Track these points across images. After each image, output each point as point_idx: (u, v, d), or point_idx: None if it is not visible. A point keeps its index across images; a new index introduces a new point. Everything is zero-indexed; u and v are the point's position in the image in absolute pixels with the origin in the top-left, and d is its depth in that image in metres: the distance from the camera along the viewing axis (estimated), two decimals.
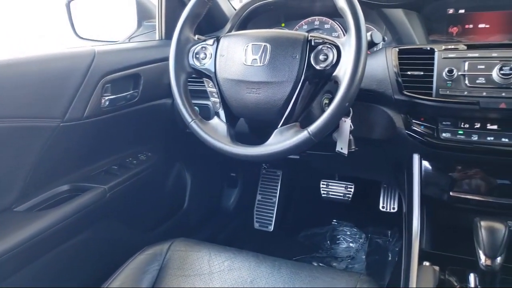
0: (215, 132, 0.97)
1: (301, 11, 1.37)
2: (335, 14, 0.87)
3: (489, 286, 0.84)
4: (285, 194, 2.01)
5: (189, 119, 0.98)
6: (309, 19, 1.36)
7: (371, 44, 0.91)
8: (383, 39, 1.22)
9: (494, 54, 0.90)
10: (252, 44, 0.93)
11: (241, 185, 1.98)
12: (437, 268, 0.95)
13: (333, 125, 0.85)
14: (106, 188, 1.17)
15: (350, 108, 0.98)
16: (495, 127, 0.92)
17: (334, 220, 1.93)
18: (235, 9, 1.43)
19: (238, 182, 1.98)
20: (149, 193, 1.45)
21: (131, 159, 1.34)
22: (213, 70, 0.97)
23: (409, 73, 0.97)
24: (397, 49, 1.01)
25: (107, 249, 1.26)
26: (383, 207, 1.72)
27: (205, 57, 0.99)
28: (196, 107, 1.20)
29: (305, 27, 1.37)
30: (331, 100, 0.83)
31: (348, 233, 1.85)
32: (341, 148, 1.00)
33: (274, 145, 0.89)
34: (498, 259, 0.78)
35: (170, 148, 1.52)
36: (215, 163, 1.80)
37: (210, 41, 0.99)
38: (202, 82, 1.04)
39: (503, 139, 0.91)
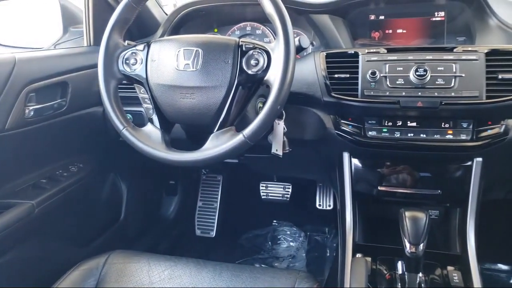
0: (149, 139, 0.95)
1: (233, 17, 1.39)
2: (266, 20, 0.89)
3: (414, 271, 0.91)
4: (226, 199, 2.02)
5: (120, 127, 0.95)
6: (241, 24, 1.38)
7: (300, 49, 0.94)
8: (312, 44, 1.28)
9: (410, 57, 0.98)
10: (184, 49, 0.92)
11: (181, 192, 1.95)
12: (369, 259, 1.01)
13: (267, 127, 0.87)
14: (34, 204, 1.10)
15: (283, 111, 1.01)
16: (414, 124, 1.00)
17: (275, 221, 1.96)
18: (166, 14, 1.41)
19: (177, 190, 1.95)
20: (82, 206, 1.38)
21: (61, 172, 1.27)
22: (144, 76, 0.95)
23: (336, 76, 1.02)
24: (324, 53, 1.05)
25: (37, 269, 1.17)
26: (319, 205, 1.79)
27: (136, 63, 0.97)
28: (128, 115, 1.18)
29: (237, 32, 1.39)
30: (265, 104, 0.85)
31: (288, 232, 1.89)
32: (276, 150, 1.03)
33: (210, 150, 0.89)
34: (421, 246, 0.85)
35: (103, 158, 1.46)
36: (152, 171, 1.75)
37: (141, 47, 0.98)
38: (134, 88, 1.01)
39: (421, 135, 0.99)
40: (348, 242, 1.06)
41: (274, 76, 0.85)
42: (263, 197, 1.84)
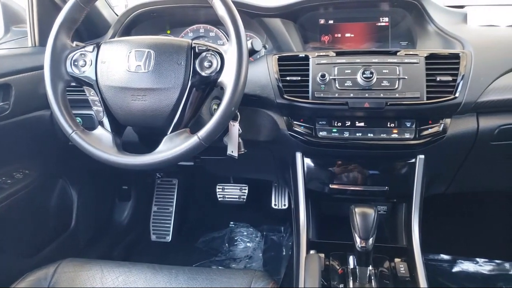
0: (100, 142, 0.92)
1: (186, 19, 1.38)
2: (219, 22, 0.90)
3: (364, 265, 0.95)
4: (182, 202, 2.00)
5: (69, 131, 0.92)
6: (194, 26, 1.38)
7: (252, 52, 0.96)
8: (264, 47, 1.30)
9: (358, 60, 1.02)
10: (135, 51, 0.91)
11: (135, 197, 1.91)
12: (322, 255, 1.04)
13: (221, 129, 0.88)
14: None
15: (238, 113, 1.03)
16: (362, 124, 1.05)
17: (231, 223, 1.97)
18: (117, 15, 1.38)
19: (131, 195, 1.90)
20: (28, 215, 1.32)
21: (4, 179, 1.20)
22: (94, 78, 0.93)
23: (288, 78, 1.05)
24: (276, 56, 1.08)
25: None
26: (275, 204, 1.82)
27: (85, 65, 0.94)
28: (78, 118, 1.14)
29: (190, 34, 1.38)
30: (219, 106, 0.86)
31: (245, 233, 1.91)
32: (232, 151, 1.04)
33: (164, 152, 0.88)
34: (371, 240, 0.89)
35: (51, 163, 1.40)
36: (104, 176, 1.70)
37: (90, 48, 0.95)
38: (83, 90, 0.98)
39: (369, 134, 1.04)
40: (302, 239, 1.09)
41: (227, 78, 0.86)
42: (219, 199, 1.84)
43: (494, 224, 1.72)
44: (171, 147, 0.88)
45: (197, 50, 0.90)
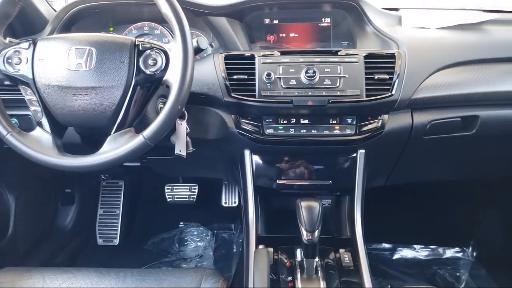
0: (39, 144, 0.88)
1: (130, 16, 1.35)
2: (164, 20, 0.89)
3: (311, 257, 0.98)
4: (129, 205, 1.95)
5: (4, 132, 0.87)
6: (139, 24, 1.35)
7: (198, 50, 0.96)
8: (211, 45, 1.30)
9: (301, 59, 1.05)
10: (76, 48, 0.88)
11: (79, 201, 1.83)
12: (271, 249, 1.06)
13: (167, 128, 0.87)
14: None
15: (185, 111, 1.02)
16: (306, 121, 1.08)
17: (181, 223, 1.96)
18: (55, 11, 1.31)
19: (75, 198, 1.82)
20: None
21: None
22: (30, 76, 0.89)
23: (235, 77, 1.06)
24: (223, 55, 1.08)
25: None
26: (225, 202, 1.82)
27: (20, 62, 0.89)
28: (13, 119, 1.08)
29: (134, 32, 1.35)
30: (165, 104, 0.85)
31: (196, 232, 1.90)
32: (180, 150, 1.03)
33: (108, 153, 0.86)
34: (316, 233, 0.93)
35: None
36: (45, 179, 1.62)
37: (25, 45, 0.90)
38: (18, 90, 0.93)
39: (313, 131, 1.08)
40: (251, 235, 1.11)
41: (173, 76, 0.86)
42: (168, 199, 1.82)
43: (429, 212, 1.85)
44: (115, 147, 0.86)
45: (141, 48, 0.89)
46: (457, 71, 1.10)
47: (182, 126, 1.03)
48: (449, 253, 1.81)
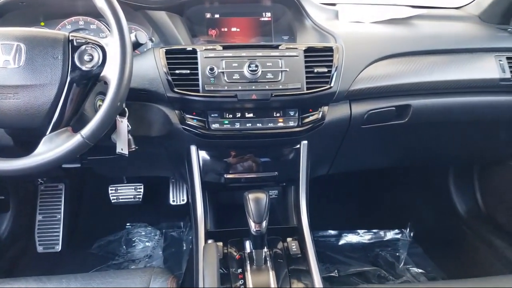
0: None
1: (63, 10, 1.28)
2: (100, 14, 0.86)
3: (260, 247, 1.00)
4: (71, 208, 1.86)
5: None
6: (73, 18, 1.29)
7: (137, 44, 0.94)
8: (151, 40, 1.27)
9: (243, 54, 1.06)
10: (2, 44, 0.82)
11: (15, 207, 1.72)
12: (220, 244, 1.07)
13: (107, 126, 0.85)
14: None
15: (126, 108, 0.99)
16: (251, 115, 1.09)
17: (128, 224, 1.90)
18: None
19: (9, 205, 1.71)
20: None
21: None
22: None
23: (177, 71, 1.04)
24: (164, 50, 1.06)
25: None
26: (173, 200, 1.80)
27: None
28: None
29: (68, 26, 1.28)
30: (104, 102, 0.82)
31: (143, 233, 1.86)
32: (122, 149, 1.00)
33: (43, 154, 0.82)
34: (264, 223, 0.94)
35: None
36: None
37: None
38: None
39: (258, 124, 1.09)
40: (200, 231, 1.10)
41: (111, 72, 0.83)
42: (113, 201, 1.76)
43: (371, 198, 1.96)
44: (51, 148, 0.82)
45: (75, 43, 0.85)
46: (390, 63, 1.17)
47: (123, 124, 0.99)
48: (389, 235, 1.93)
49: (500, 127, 1.37)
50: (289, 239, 1.11)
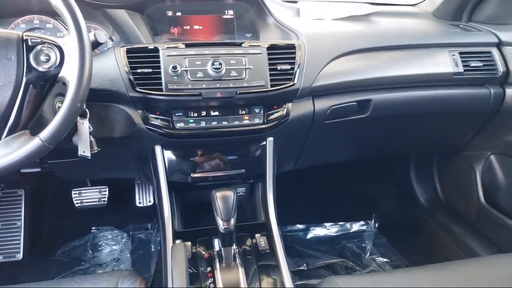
0: None
1: (16, 8, 1.22)
2: (56, 13, 0.83)
3: (228, 245, 1.01)
4: (32, 214, 1.79)
5: None
6: (27, 17, 1.23)
7: (96, 44, 0.91)
8: (111, 39, 1.24)
9: (207, 52, 1.06)
10: None
11: None
12: (189, 243, 1.06)
13: (67, 128, 0.82)
14: None
15: (87, 109, 0.97)
16: (217, 113, 1.09)
17: (94, 228, 1.86)
18: None
19: None
20: None
21: None
22: None
23: (139, 70, 1.02)
24: (125, 48, 1.04)
25: None
26: (139, 202, 1.77)
27: None
28: None
29: (23, 26, 1.23)
30: (63, 103, 0.80)
31: (110, 236, 1.82)
32: (84, 151, 0.98)
33: None
34: (232, 221, 0.95)
35: None
36: None
37: None
38: None
39: (223, 122, 1.09)
40: (168, 231, 1.09)
41: (69, 72, 0.81)
42: (77, 205, 1.71)
43: (337, 191, 2.00)
44: (8, 152, 0.78)
45: (30, 43, 0.82)
46: (350, 59, 1.20)
47: (84, 125, 0.97)
48: (355, 226, 1.99)
49: (455, 118, 1.44)
50: (257, 235, 1.12)
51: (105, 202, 1.73)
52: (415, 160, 1.89)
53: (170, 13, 1.28)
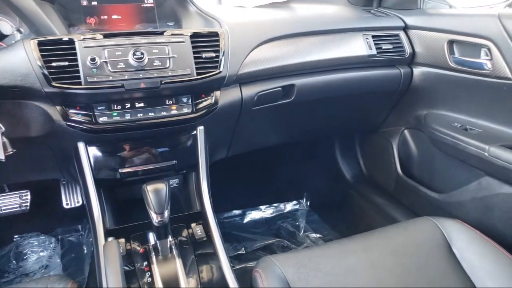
0: None
1: None
2: None
3: (164, 237, 1.00)
4: None
5: None
6: None
7: (1, 36, 0.84)
8: (19, 31, 1.15)
9: (127, 42, 1.02)
10: None
11: None
12: (122, 240, 1.03)
13: None
14: None
15: None
16: (142, 104, 1.06)
17: (16, 236, 1.73)
18: None
19: None
20: None
21: None
22: None
23: (54, 64, 0.96)
24: (35, 41, 0.97)
25: None
26: (67, 204, 1.67)
27: None
28: None
29: None
30: None
31: (36, 243, 1.70)
32: None
33: None
34: (166, 213, 0.94)
35: None
36: None
37: None
38: None
39: (150, 114, 1.06)
40: (99, 230, 1.05)
41: None
42: None
43: (270, 174, 2.06)
44: None
45: None
46: (273, 45, 1.23)
47: None
48: (289, 206, 2.07)
49: (371, 98, 1.55)
50: (193, 225, 1.13)
51: (28, 207, 1.61)
52: (339, 140, 2.00)
53: (85, 3, 1.21)
